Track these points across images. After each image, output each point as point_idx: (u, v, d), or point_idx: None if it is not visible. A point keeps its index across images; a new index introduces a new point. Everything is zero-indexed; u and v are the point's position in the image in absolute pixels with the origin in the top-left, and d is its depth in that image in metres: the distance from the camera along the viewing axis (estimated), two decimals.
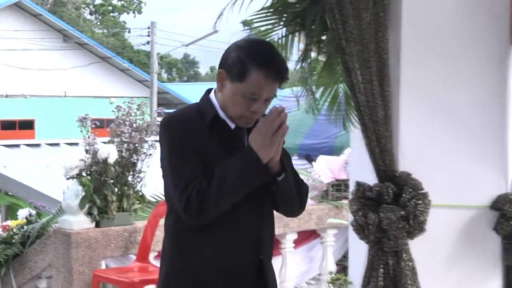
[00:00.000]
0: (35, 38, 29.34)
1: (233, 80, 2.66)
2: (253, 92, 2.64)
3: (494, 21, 3.66)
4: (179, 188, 2.64)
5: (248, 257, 2.79)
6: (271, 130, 2.63)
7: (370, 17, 3.35)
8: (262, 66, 2.61)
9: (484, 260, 3.67)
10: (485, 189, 3.63)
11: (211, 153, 2.69)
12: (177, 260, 2.78)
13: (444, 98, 3.60)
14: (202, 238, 2.72)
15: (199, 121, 2.74)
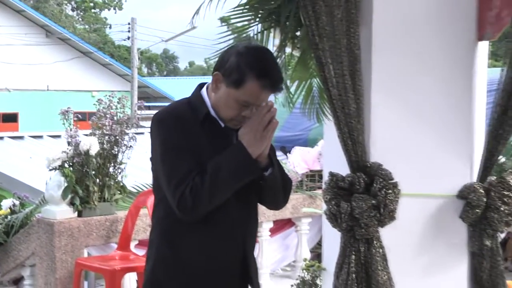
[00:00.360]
0: (18, 33, 29.11)
1: (229, 85, 2.64)
2: (247, 101, 2.64)
3: (461, 18, 3.68)
4: (173, 184, 2.63)
5: (234, 251, 2.81)
6: (261, 125, 2.63)
7: (342, 14, 3.35)
8: (259, 77, 2.61)
9: (451, 247, 3.69)
10: (452, 179, 3.65)
11: (200, 150, 2.68)
12: (165, 251, 2.77)
13: (413, 91, 3.61)
14: (191, 232, 2.72)
15: (192, 117, 2.72)
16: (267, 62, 2.71)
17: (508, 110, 3.56)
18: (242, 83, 2.62)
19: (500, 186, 3.64)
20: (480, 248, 3.67)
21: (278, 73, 2.76)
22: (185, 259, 2.73)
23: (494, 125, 3.61)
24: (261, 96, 2.66)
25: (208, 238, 2.73)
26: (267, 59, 2.74)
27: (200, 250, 2.74)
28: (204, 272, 2.75)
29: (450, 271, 3.71)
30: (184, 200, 2.59)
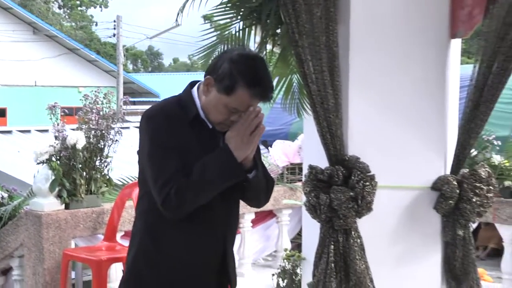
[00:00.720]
0: (6, 30, 28.91)
1: (220, 91, 2.62)
2: (236, 108, 2.62)
3: (435, 16, 3.69)
4: (159, 183, 2.62)
5: (214, 246, 2.80)
6: (248, 130, 2.62)
7: (321, 12, 3.35)
8: (250, 86, 2.58)
9: (426, 237, 3.71)
10: (426, 171, 3.67)
11: (187, 149, 2.66)
12: (147, 243, 2.76)
13: (389, 87, 3.62)
14: (173, 227, 2.71)
15: (181, 116, 2.70)
16: (259, 71, 2.67)
17: (479, 105, 3.58)
18: (233, 90, 2.59)
19: (472, 178, 3.65)
20: (453, 237, 3.70)
21: (268, 83, 2.74)
22: (166, 252, 2.73)
23: (466, 119, 3.63)
24: (250, 103, 2.65)
25: (190, 234, 2.72)
26: (259, 68, 2.69)
27: (181, 244, 2.73)
28: (184, 265, 2.74)
29: (425, 260, 3.73)
30: (169, 200, 2.58)
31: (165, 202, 2.60)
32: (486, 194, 3.67)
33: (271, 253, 7.41)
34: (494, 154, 6.37)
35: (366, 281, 3.43)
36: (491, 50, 3.53)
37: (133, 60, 51.79)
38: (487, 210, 3.74)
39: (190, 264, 2.75)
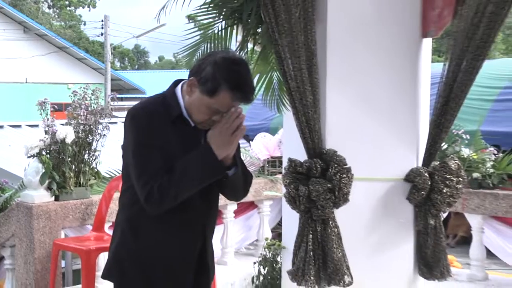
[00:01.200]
0: None
1: (203, 93, 2.59)
2: (218, 109, 2.60)
3: (407, 16, 3.70)
4: (142, 180, 2.60)
5: (194, 239, 2.78)
6: (230, 130, 2.59)
7: (300, 12, 3.36)
8: (232, 90, 2.55)
9: (399, 226, 3.73)
10: (400, 163, 3.68)
11: (170, 147, 2.64)
12: (128, 235, 2.75)
13: (364, 84, 3.63)
14: (153, 222, 2.69)
15: (164, 115, 2.67)
16: (241, 76, 2.63)
17: (449, 101, 3.60)
18: (216, 92, 2.57)
19: (443, 170, 3.68)
20: (425, 226, 3.72)
21: (250, 86, 2.70)
22: (145, 245, 2.71)
23: (437, 114, 3.65)
24: (232, 105, 2.62)
25: (170, 227, 2.71)
26: (242, 72, 2.65)
27: (160, 238, 2.72)
28: (163, 257, 2.72)
29: (398, 248, 3.75)
30: (151, 196, 2.57)
31: (148, 198, 2.58)
32: (456, 185, 3.69)
33: (252, 242, 7.40)
34: (463, 147, 6.40)
35: (343, 268, 3.44)
36: (460, 49, 3.56)
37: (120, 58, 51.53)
38: (456, 200, 3.77)
39: (169, 256, 2.73)
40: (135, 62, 57.06)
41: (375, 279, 3.67)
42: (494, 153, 6.49)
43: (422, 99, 3.79)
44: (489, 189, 6.12)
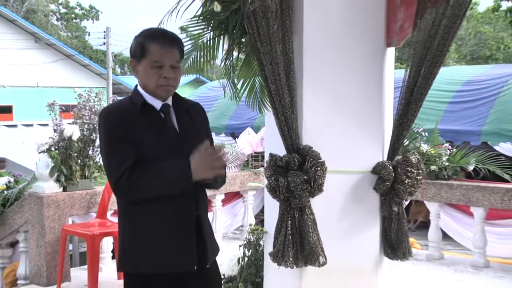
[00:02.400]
0: (11, 39, 28.62)
1: (140, 60, 2.55)
2: (156, 60, 2.51)
3: (373, 28, 3.69)
4: (111, 171, 2.54)
5: (188, 215, 2.69)
6: (209, 164, 2.51)
7: (278, 24, 3.35)
8: (156, 38, 2.51)
9: (367, 213, 3.72)
10: (367, 158, 3.67)
11: (141, 136, 2.56)
12: (126, 225, 2.68)
13: (336, 87, 3.62)
14: (143, 209, 2.60)
15: (131, 109, 2.61)
16: (159, 29, 2.64)
17: (410, 103, 3.60)
18: (145, 50, 2.53)
19: (405, 164, 3.67)
20: (389, 213, 3.71)
21: (171, 33, 2.62)
22: (144, 229, 2.63)
23: (399, 114, 3.65)
24: (164, 52, 2.53)
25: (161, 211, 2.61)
26: (158, 28, 2.65)
27: (154, 222, 2.63)
28: (164, 235, 2.64)
29: (366, 232, 3.74)
30: (120, 183, 2.49)
31: (117, 185, 2.51)
32: (416, 176, 3.69)
33: (238, 228, 7.43)
34: (423, 143, 6.44)
35: (318, 250, 3.43)
36: (419, 57, 3.56)
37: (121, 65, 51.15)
38: (417, 190, 3.76)
39: (169, 233, 2.64)
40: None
41: (346, 260, 3.67)
42: (449, 148, 6.54)
43: (386, 101, 3.79)
44: (444, 180, 6.16)
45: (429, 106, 8.70)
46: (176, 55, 2.55)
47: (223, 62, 3.88)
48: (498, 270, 5.69)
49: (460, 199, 6.03)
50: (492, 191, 5.75)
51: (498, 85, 9.46)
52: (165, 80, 2.55)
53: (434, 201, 6.18)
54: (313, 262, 3.44)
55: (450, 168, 6.22)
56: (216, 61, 4.01)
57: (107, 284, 5.06)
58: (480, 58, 23.26)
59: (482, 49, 23.60)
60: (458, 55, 23.25)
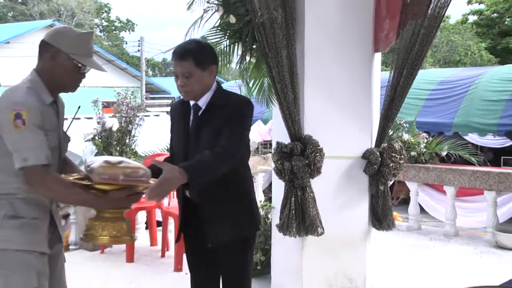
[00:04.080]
0: None
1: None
2: (174, 72, 2.43)
3: (363, 36, 3.66)
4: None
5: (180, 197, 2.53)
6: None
7: (283, 34, 3.32)
8: (173, 55, 2.41)
9: (358, 191, 3.70)
10: (359, 145, 3.65)
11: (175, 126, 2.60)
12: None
13: (333, 86, 3.60)
14: None
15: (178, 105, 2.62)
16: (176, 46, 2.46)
17: (394, 99, 3.59)
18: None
19: (390, 150, 3.66)
20: (377, 191, 3.70)
21: (181, 46, 2.46)
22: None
23: (385, 109, 3.63)
24: (176, 66, 2.39)
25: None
26: (179, 44, 2.49)
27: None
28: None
29: (357, 207, 3.72)
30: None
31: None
32: (399, 161, 3.68)
33: None
34: (404, 133, 6.41)
35: (317, 222, 3.41)
36: (401, 61, 3.54)
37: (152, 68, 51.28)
38: (399, 172, 3.76)
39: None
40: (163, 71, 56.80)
41: (340, 230, 3.65)
42: (426, 138, 6.50)
43: (374, 97, 3.76)
44: (422, 163, 6.12)
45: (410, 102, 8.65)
46: (186, 66, 2.35)
47: (238, 65, 3.86)
48: (465, 238, 5.67)
49: (435, 180, 6.00)
50: (461, 173, 5.72)
51: (466, 85, 9.40)
52: (180, 88, 2.44)
53: (413, 181, 6.15)
54: (313, 232, 3.43)
55: (427, 154, 6.18)
56: (232, 64, 3.99)
57: (141, 249, 5.06)
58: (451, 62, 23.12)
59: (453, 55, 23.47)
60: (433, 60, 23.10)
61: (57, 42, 2.00)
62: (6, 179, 1.90)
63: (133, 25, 47.02)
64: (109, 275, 4.32)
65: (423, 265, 4.62)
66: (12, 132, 1.84)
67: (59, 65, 2.02)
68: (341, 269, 3.72)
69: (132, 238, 2.13)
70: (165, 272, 4.32)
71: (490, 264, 4.72)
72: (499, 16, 23.94)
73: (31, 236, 1.93)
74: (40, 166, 1.86)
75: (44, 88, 2.00)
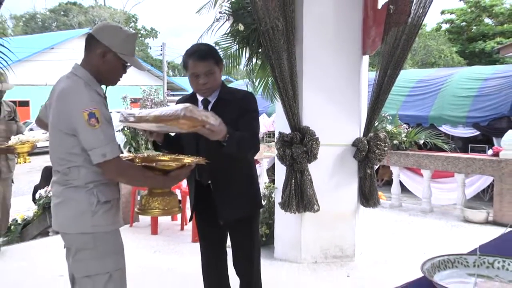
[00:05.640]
0: None
1: (186, 72, 2.31)
2: (193, 73, 2.26)
3: (353, 41, 3.63)
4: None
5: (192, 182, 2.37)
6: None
7: (284, 39, 3.29)
8: (190, 55, 2.25)
9: (348, 174, 3.68)
10: (349, 135, 3.62)
11: None
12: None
13: (328, 83, 3.57)
14: None
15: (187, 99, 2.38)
16: (193, 46, 2.30)
17: (379, 95, 3.56)
18: (186, 66, 2.26)
19: (376, 139, 3.63)
20: (364, 174, 3.67)
21: (201, 47, 2.30)
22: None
23: (372, 103, 3.60)
24: (195, 65, 2.22)
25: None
26: (195, 45, 2.33)
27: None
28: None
29: (348, 188, 3.70)
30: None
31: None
32: (384, 148, 3.65)
33: None
34: (388, 124, 6.36)
35: (313, 201, 3.39)
36: (385, 63, 3.51)
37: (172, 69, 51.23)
38: (384, 157, 3.73)
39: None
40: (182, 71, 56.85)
41: (333, 207, 3.64)
42: (406, 128, 6.46)
43: (362, 94, 3.73)
44: (403, 150, 6.08)
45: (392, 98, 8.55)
46: (208, 65, 2.23)
47: (245, 66, 3.83)
48: (439, 213, 5.65)
49: (414, 164, 5.96)
50: (436, 158, 5.68)
51: (440, 83, 9.33)
52: (201, 86, 2.27)
53: (395, 165, 6.11)
54: (310, 209, 3.41)
55: (407, 142, 6.14)
56: (240, 66, 3.95)
57: (163, 224, 5.06)
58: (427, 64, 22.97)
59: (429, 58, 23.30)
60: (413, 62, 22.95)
61: (109, 41, 1.84)
62: (90, 169, 1.76)
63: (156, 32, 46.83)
64: (138, 245, 4.32)
65: (403, 237, 4.60)
66: (88, 131, 1.69)
67: (108, 62, 1.87)
68: (334, 240, 3.71)
69: (180, 209, 2.08)
70: (184, 243, 4.32)
71: (459, 236, 4.69)
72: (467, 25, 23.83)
73: (116, 216, 1.86)
74: (116, 158, 1.74)
75: (95, 81, 1.84)
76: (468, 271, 1.24)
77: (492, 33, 22.63)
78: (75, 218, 1.77)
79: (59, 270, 3.51)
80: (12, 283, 3.36)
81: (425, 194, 5.85)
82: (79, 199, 1.77)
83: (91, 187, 1.78)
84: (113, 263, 1.81)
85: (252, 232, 2.38)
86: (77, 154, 1.76)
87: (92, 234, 1.77)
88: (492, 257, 1.27)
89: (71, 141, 1.75)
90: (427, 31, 24.85)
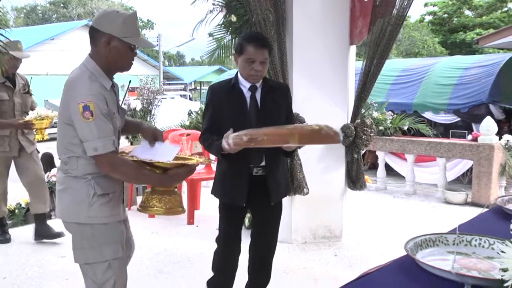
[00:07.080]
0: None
1: (239, 55, 2.23)
2: (249, 58, 2.20)
3: (341, 31, 3.60)
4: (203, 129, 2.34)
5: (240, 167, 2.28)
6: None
7: (274, 30, 3.27)
8: (251, 41, 2.19)
9: (336, 158, 3.69)
10: (338, 121, 3.62)
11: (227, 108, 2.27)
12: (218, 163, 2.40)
13: (316, 72, 3.55)
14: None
15: (227, 87, 2.30)
16: (254, 33, 2.32)
17: (366, 84, 3.55)
18: (243, 49, 2.20)
19: (362, 125, 3.63)
20: (351, 159, 3.67)
21: (261, 36, 2.30)
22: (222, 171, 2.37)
23: (359, 91, 3.59)
24: (255, 51, 2.19)
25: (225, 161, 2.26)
26: (253, 32, 2.31)
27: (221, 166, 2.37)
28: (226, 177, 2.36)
29: (336, 172, 3.71)
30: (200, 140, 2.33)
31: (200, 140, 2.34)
32: (370, 134, 3.65)
33: None
34: (374, 111, 6.36)
35: (303, 184, 3.40)
36: (372, 53, 3.50)
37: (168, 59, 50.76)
38: (370, 143, 3.73)
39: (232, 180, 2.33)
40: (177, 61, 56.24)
41: (322, 190, 3.65)
42: (391, 115, 6.47)
43: (350, 82, 3.72)
44: (388, 136, 6.09)
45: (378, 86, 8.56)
46: (265, 54, 2.21)
47: None
48: (421, 196, 5.69)
49: (398, 149, 5.98)
50: (419, 144, 5.71)
51: (423, 72, 9.34)
52: (255, 72, 2.21)
53: (381, 150, 6.13)
54: (300, 192, 3.42)
55: (392, 128, 6.15)
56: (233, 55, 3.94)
57: None
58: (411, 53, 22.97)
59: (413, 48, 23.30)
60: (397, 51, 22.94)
61: (108, 29, 1.76)
62: (89, 160, 1.72)
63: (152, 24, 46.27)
64: (136, 227, 4.29)
65: (388, 218, 4.64)
66: (82, 123, 1.66)
67: (114, 48, 1.78)
68: (322, 221, 3.73)
69: (183, 209, 1.95)
70: (180, 225, 4.33)
71: (440, 216, 4.74)
72: (449, 16, 23.83)
73: (115, 208, 1.81)
74: (109, 153, 1.68)
75: (102, 73, 1.78)
76: (448, 249, 1.26)
77: (472, 25, 22.66)
78: (73, 207, 1.75)
79: (61, 252, 3.51)
80: (16, 264, 3.36)
81: (408, 177, 5.89)
82: (78, 188, 1.74)
83: (89, 178, 1.74)
84: (111, 253, 1.78)
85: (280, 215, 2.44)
86: (76, 145, 1.73)
87: (90, 225, 1.75)
88: (470, 236, 1.30)
89: (71, 131, 1.72)
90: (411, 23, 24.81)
